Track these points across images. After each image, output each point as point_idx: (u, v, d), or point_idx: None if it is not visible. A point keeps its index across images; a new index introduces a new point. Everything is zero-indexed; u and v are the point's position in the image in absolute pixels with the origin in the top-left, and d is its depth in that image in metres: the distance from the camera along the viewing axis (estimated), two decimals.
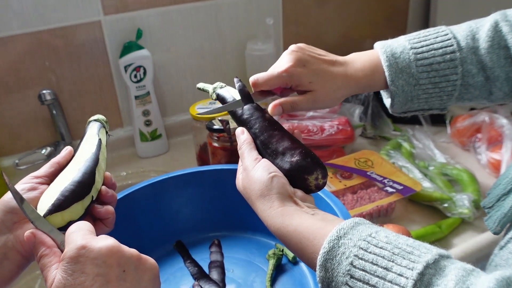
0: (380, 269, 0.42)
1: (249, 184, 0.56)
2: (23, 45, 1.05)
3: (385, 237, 0.45)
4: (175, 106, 1.28)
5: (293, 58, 0.64)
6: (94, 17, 1.09)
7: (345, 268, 0.44)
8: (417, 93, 0.67)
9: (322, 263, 0.45)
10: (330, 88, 0.65)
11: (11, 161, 1.06)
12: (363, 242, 0.44)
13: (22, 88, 1.08)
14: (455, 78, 0.66)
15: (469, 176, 1.00)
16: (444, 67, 0.66)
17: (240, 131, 0.62)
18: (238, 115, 0.64)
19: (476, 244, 0.86)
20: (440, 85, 0.66)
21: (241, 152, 0.60)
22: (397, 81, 0.66)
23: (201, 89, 0.73)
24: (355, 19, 1.45)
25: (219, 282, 0.78)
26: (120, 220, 0.80)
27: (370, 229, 0.46)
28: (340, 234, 0.46)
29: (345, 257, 0.44)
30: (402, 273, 0.41)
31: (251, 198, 0.56)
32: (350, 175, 0.98)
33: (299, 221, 0.51)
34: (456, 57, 0.65)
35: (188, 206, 0.88)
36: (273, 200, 0.54)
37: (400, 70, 0.66)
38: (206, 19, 1.22)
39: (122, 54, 1.11)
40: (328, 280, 0.45)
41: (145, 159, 1.21)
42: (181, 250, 0.86)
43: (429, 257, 0.42)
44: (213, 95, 0.70)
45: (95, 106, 1.17)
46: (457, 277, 0.40)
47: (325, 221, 0.50)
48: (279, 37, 1.34)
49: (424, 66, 0.66)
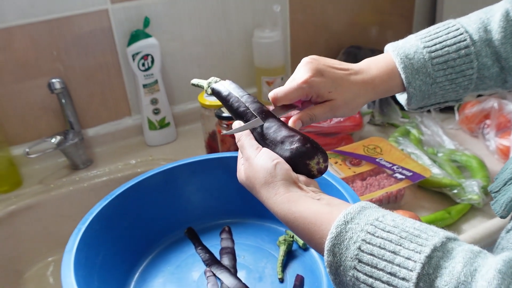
0: (388, 253, 0.43)
1: (252, 173, 0.57)
2: (31, 35, 1.05)
3: (392, 220, 0.45)
4: (183, 94, 1.28)
5: (310, 69, 0.63)
6: (101, 6, 1.09)
7: (353, 253, 0.44)
8: (434, 90, 0.67)
9: (330, 248, 0.46)
10: (349, 96, 0.65)
11: (22, 150, 1.07)
12: (370, 227, 0.45)
13: (30, 78, 1.08)
14: (471, 73, 0.65)
15: (478, 162, 1.00)
16: (459, 62, 0.65)
17: (237, 124, 0.63)
18: (234, 108, 0.65)
19: (486, 229, 0.87)
20: (457, 80, 0.66)
21: (241, 143, 0.61)
22: (414, 82, 0.66)
23: (195, 85, 0.73)
24: (361, 6, 1.44)
25: (230, 268, 0.79)
26: (132, 207, 0.81)
27: (377, 213, 0.47)
28: (347, 219, 0.46)
29: (352, 242, 0.45)
30: (410, 257, 0.41)
31: (255, 187, 0.57)
32: (359, 162, 0.98)
33: (305, 207, 0.51)
34: (470, 52, 0.65)
35: (198, 193, 0.88)
36: (278, 186, 0.54)
37: (416, 71, 0.65)
38: (213, 7, 1.22)
39: (130, 42, 1.11)
40: (336, 264, 0.46)
41: (154, 147, 1.22)
42: (192, 237, 0.86)
43: (436, 240, 0.42)
44: (208, 90, 0.70)
45: (103, 94, 1.18)
46: (464, 259, 0.40)
47: (331, 206, 0.51)
48: (285, 25, 1.34)
49: (440, 64, 0.65)
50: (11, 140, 1.11)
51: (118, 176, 1.11)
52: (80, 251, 0.67)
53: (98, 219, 0.74)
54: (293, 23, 1.35)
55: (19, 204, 1.03)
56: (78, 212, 1.05)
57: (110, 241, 0.76)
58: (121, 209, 0.79)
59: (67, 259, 0.65)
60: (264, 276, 0.77)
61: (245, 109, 0.64)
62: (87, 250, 0.69)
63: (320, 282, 0.75)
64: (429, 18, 1.55)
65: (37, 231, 1.06)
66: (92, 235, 0.71)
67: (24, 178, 1.11)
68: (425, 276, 0.40)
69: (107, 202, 0.76)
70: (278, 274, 0.76)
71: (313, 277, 0.76)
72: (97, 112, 1.19)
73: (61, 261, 0.65)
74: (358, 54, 1.34)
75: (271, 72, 1.26)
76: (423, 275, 0.40)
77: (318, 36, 1.41)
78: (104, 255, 0.74)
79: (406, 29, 1.54)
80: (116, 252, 0.77)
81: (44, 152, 1.06)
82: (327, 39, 1.43)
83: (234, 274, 0.77)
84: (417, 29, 0.71)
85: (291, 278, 0.76)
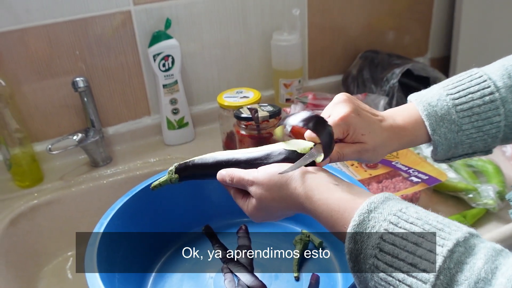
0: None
1: (265, 188, 0.58)
2: (56, 34, 1.07)
3: (416, 212, 0.46)
4: (201, 95, 1.30)
5: (348, 107, 0.61)
6: (124, 7, 1.12)
7: (375, 242, 0.45)
8: (461, 139, 0.64)
9: (352, 235, 0.47)
10: (379, 142, 0.62)
11: (44, 146, 1.09)
12: (393, 217, 0.45)
13: (53, 76, 1.11)
14: (498, 120, 0.63)
15: (494, 167, 1.01)
16: (485, 109, 0.63)
17: (220, 174, 0.63)
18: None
19: (501, 234, 0.87)
20: (484, 128, 0.64)
21: (235, 179, 0.61)
22: (439, 129, 0.64)
23: (157, 186, 0.71)
24: (378, 10, 1.45)
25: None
26: (152, 204, 0.83)
27: (400, 204, 0.47)
28: (371, 208, 0.47)
29: (375, 231, 0.45)
30: (432, 249, 0.42)
31: (274, 199, 0.58)
32: (375, 164, 0.99)
33: (326, 195, 0.53)
34: (495, 98, 0.62)
35: (217, 192, 0.90)
36: (294, 180, 0.56)
37: (440, 118, 0.63)
38: (233, 10, 1.24)
39: (151, 43, 1.13)
40: (356, 252, 0.46)
41: (172, 147, 1.24)
42: (210, 234, 0.88)
43: (459, 235, 0.42)
44: (172, 179, 0.69)
45: (123, 94, 1.20)
46: (486, 256, 0.40)
47: (352, 194, 0.52)
48: (304, 28, 1.35)
49: (464, 110, 0.63)
50: (33, 137, 1.14)
51: (137, 174, 1.13)
52: (102, 244, 0.69)
53: (119, 214, 0.76)
54: (311, 27, 1.36)
55: (40, 200, 1.06)
56: (97, 208, 1.08)
57: (131, 236, 0.78)
58: (141, 205, 0.81)
59: (90, 253, 0.67)
60: (280, 274, 0.79)
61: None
62: (109, 244, 0.71)
63: (336, 282, 0.76)
64: (446, 23, 1.55)
65: (57, 226, 1.08)
66: (113, 229, 0.74)
67: (45, 174, 1.13)
68: (445, 270, 0.41)
69: (128, 198, 0.79)
70: (294, 273, 0.78)
71: (329, 276, 0.78)
72: (117, 111, 1.21)
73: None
74: (375, 58, 1.34)
75: (289, 75, 1.28)
76: (444, 268, 0.41)
77: (335, 39, 1.42)
78: (125, 250, 0.76)
79: (423, 34, 1.55)
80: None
81: (66, 149, 1.08)
82: (344, 43, 1.44)
83: (251, 271, 0.79)
84: (435, 34, 0.70)
85: (307, 277, 0.78)
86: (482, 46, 1.45)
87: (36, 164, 1.10)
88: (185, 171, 0.68)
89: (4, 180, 1.11)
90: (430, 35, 1.56)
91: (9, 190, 1.08)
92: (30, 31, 1.05)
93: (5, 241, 0.96)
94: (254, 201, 0.60)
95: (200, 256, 0.84)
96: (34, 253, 1.05)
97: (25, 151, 1.07)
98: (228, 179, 0.62)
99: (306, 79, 1.43)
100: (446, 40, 1.58)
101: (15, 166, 1.07)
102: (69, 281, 1.03)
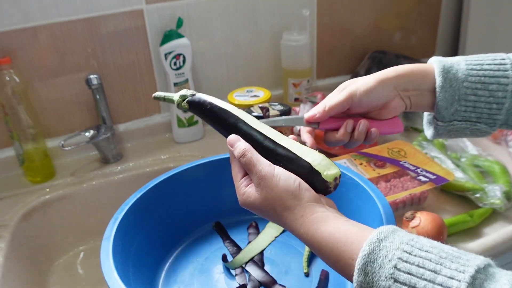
0: (428, 272, 0.41)
1: (272, 195, 0.54)
2: (69, 32, 1.09)
3: (428, 241, 0.44)
4: (211, 93, 1.28)
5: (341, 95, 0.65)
6: (136, 6, 1.13)
7: (388, 272, 0.42)
8: (465, 91, 0.62)
9: (362, 266, 0.44)
10: (369, 85, 0.63)
11: (57, 142, 1.11)
12: (406, 246, 0.43)
13: (66, 73, 1.12)
14: (506, 82, 0.62)
15: (500, 167, 1.02)
16: (494, 68, 0.62)
17: (235, 138, 0.59)
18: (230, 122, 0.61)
19: (507, 234, 0.88)
20: (490, 87, 0.62)
21: (246, 160, 0.57)
22: (446, 74, 0.62)
23: (159, 98, 0.67)
24: (386, 11, 1.46)
25: (257, 261, 0.81)
26: (164, 200, 0.84)
27: (410, 235, 0.45)
28: (381, 237, 0.45)
29: (387, 260, 0.43)
30: (453, 276, 0.40)
31: (275, 210, 0.54)
32: (383, 164, 1.01)
33: (334, 226, 0.50)
34: (506, 62, 0.62)
35: (227, 189, 0.90)
36: (304, 208, 0.53)
37: (449, 65, 0.63)
38: (243, 10, 1.25)
39: (163, 42, 1.15)
40: (367, 285, 0.44)
41: (181, 144, 1.25)
42: (220, 230, 0.90)
43: (479, 262, 0.41)
44: (183, 104, 0.64)
45: (134, 91, 1.22)
46: (510, 282, 0.39)
47: (360, 227, 0.49)
48: (313, 28, 1.36)
49: (474, 65, 0.63)
50: (45, 133, 1.15)
51: (147, 171, 1.15)
52: (117, 238, 0.71)
53: (133, 209, 0.77)
54: (320, 27, 1.37)
55: (52, 195, 1.07)
56: (108, 204, 1.09)
57: (144, 231, 0.79)
58: (154, 201, 0.82)
59: (106, 246, 0.68)
60: (290, 270, 0.80)
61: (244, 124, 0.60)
62: (123, 238, 0.72)
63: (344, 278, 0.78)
64: (454, 24, 1.56)
65: (68, 221, 1.09)
66: (127, 224, 0.75)
67: (56, 170, 1.15)
68: None
69: (141, 194, 0.80)
70: (304, 269, 0.79)
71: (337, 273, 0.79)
72: (128, 108, 1.23)
73: (100, 247, 0.68)
74: (383, 59, 1.36)
75: (298, 74, 1.29)
76: None
77: (343, 40, 1.43)
78: (138, 244, 0.77)
79: (431, 35, 1.56)
80: (149, 242, 0.80)
81: (78, 145, 1.10)
82: (352, 43, 1.45)
83: (261, 267, 0.80)
84: (442, 35, 0.70)
85: (316, 273, 0.79)
86: (489, 47, 1.46)
87: (48, 160, 1.12)
88: (197, 108, 0.64)
89: (17, 175, 1.13)
90: (438, 35, 1.57)
91: (22, 185, 1.10)
92: (43, 28, 1.06)
93: (17, 235, 0.98)
94: (252, 194, 0.56)
95: (211, 251, 0.85)
96: (46, 247, 1.06)
97: (37, 147, 1.09)
98: (239, 153, 0.58)
99: (314, 79, 1.44)
100: (453, 41, 1.59)
101: (27, 162, 1.09)
102: (79, 276, 1.05)
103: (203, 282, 0.79)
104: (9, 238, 0.95)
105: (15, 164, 1.12)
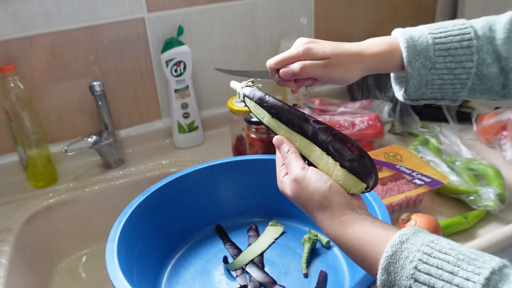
0: (446, 273, 0.43)
1: (303, 195, 0.57)
2: (72, 39, 1.11)
3: (448, 243, 0.46)
4: (211, 99, 1.34)
5: (303, 40, 0.70)
6: (138, 14, 1.16)
7: (409, 272, 0.45)
8: (432, 77, 0.69)
9: (385, 266, 0.47)
10: (345, 59, 0.69)
11: (59, 148, 1.13)
12: (426, 248, 0.46)
13: (69, 80, 1.15)
14: (470, 66, 0.68)
15: (494, 171, 1.04)
16: (460, 53, 0.68)
17: (280, 140, 0.63)
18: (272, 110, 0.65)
19: (501, 235, 0.90)
20: (455, 71, 0.69)
21: (287, 161, 0.61)
22: (414, 63, 0.69)
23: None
24: (383, 18, 1.49)
25: (258, 262, 0.83)
26: (166, 203, 0.86)
27: (431, 236, 0.48)
28: (403, 239, 0.47)
29: (408, 261, 0.45)
30: (468, 278, 0.42)
31: (307, 208, 0.58)
32: (379, 168, 1.03)
33: (360, 229, 0.53)
34: (472, 44, 0.68)
35: (228, 193, 0.93)
36: (333, 210, 0.55)
37: (417, 52, 0.69)
38: (242, 17, 1.28)
39: (164, 49, 1.17)
40: (390, 283, 0.46)
41: (182, 150, 1.27)
42: (221, 233, 0.92)
43: (494, 264, 0.43)
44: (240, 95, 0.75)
45: (135, 98, 1.24)
46: None
47: (385, 229, 0.52)
48: (310, 35, 1.39)
49: (442, 50, 0.68)
50: (48, 138, 1.17)
51: (148, 175, 1.17)
52: (121, 240, 0.73)
53: (136, 212, 0.79)
54: (317, 34, 1.40)
55: (55, 199, 1.09)
56: (110, 208, 1.12)
57: (147, 233, 0.81)
58: (157, 204, 0.84)
59: (111, 247, 0.70)
60: (290, 271, 0.82)
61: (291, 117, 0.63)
62: (127, 240, 0.74)
63: (343, 278, 0.80)
64: None
65: (71, 225, 1.11)
66: (131, 226, 0.77)
67: (59, 175, 1.17)
68: None
69: (144, 198, 0.82)
70: (303, 270, 0.81)
71: (336, 273, 0.81)
72: (129, 114, 1.25)
73: (103, 250, 0.70)
74: None
75: None
76: None
77: None
78: (142, 246, 0.79)
79: None
80: (152, 244, 0.82)
81: (81, 151, 1.12)
82: None
83: (262, 268, 0.82)
84: None
85: (315, 273, 0.81)
86: None
87: (51, 165, 1.14)
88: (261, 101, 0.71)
89: (21, 180, 1.15)
90: None
91: (25, 190, 1.12)
92: (47, 36, 1.09)
93: (21, 239, 1.00)
94: (287, 187, 0.59)
95: (212, 253, 0.87)
96: (49, 251, 1.08)
97: (40, 152, 1.11)
98: (284, 151, 0.62)
99: None
100: None
101: (31, 167, 1.11)
102: (82, 279, 1.06)
103: (204, 283, 0.81)
104: (13, 241, 0.97)
105: (18, 169, 1.14)
